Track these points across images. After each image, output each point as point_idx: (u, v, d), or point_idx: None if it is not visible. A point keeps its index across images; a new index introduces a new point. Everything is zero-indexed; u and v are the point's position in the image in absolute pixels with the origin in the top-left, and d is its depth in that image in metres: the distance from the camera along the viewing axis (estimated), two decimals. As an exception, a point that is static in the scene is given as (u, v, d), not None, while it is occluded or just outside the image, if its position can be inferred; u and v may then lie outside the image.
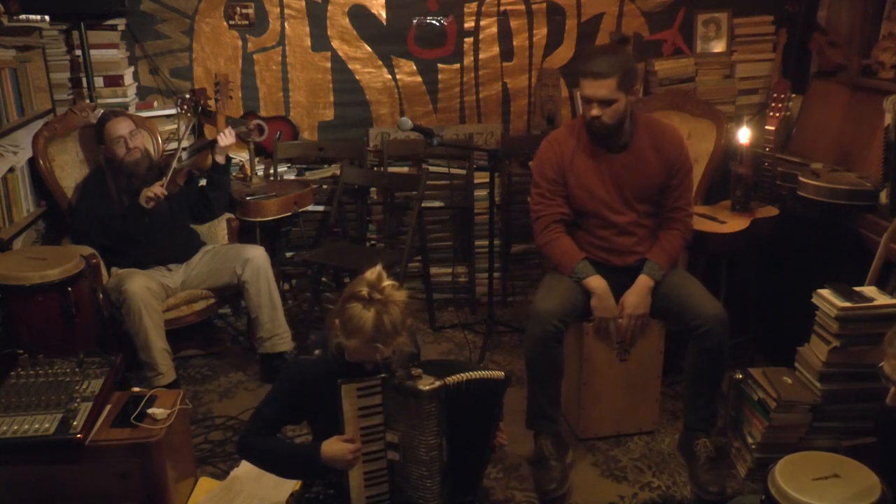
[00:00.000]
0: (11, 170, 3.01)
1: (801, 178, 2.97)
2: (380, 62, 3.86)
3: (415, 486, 1.91)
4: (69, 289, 2.60)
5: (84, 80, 3.50)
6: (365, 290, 1.82)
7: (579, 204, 2.69)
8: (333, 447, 1.87)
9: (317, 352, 1.96)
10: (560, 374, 2.62)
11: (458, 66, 3.91)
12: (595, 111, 2.53)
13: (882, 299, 2.39)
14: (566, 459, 2.62)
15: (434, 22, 3.83)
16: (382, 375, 1.87)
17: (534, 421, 2.65)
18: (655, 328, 2.72)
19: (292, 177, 3.88)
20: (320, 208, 3.89)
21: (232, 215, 3.48)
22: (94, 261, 2.90)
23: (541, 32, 3.88)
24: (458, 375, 1.91)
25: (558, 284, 2.64)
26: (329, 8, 3.77)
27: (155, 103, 3.75)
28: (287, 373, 2.02)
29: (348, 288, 1.90)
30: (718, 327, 2.48)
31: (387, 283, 1.85)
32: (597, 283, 2.62)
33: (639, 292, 2.62)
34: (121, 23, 3.58)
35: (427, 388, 1.84)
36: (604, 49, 2.69)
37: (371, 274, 1.86)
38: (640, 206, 2.68)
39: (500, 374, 1.99)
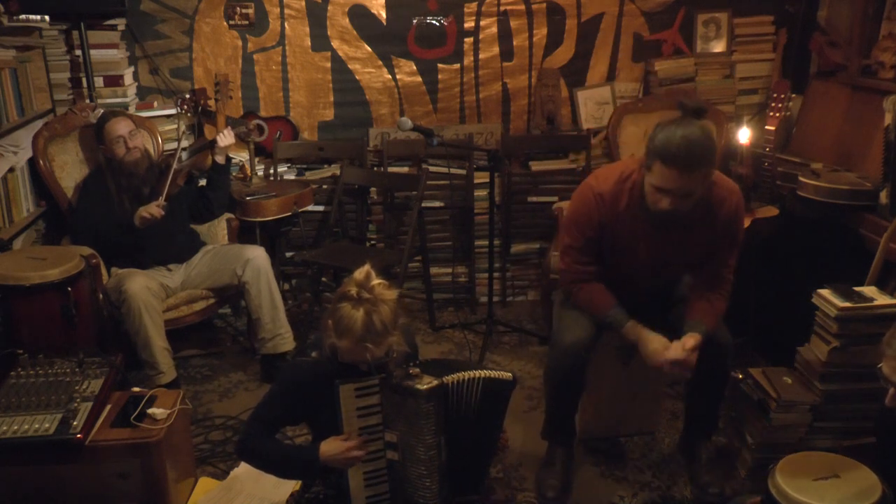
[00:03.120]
0: (11, 170, 3.01)
1: (801, 178, 2.97)
2: (380, 62, 3.86)
3: (414, 486, 1.91)
4: (69, 289, 2.60)
5: (84, 80, 3.50)
6: (354, 290, 1.82)
7: (611, 265, 2.44)
8: (331, 446, 1.87)
9: (314, 353, 1.96)
10: (582, 391, 2.51)
11: (458, 66, 3.90)
12: (666, 204, 2.15)
13: (882, 299, 2.39)
14: (572, 467, 2.61)
15: (434, 22, 3.83)
16: (381, 375, 1.86)
17: (551, 434, 2.62)
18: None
19: (292, 177, 3.89)
20: (320, 208, 3.89)
21: (232, 215, 3.48)
22: (94, 261, 2.90)
23: (541, 32, 3.88)
24: (456, 375, 1.90)
25: (577, 311, 2.46)
26: (329, 8, 3.77)
27: (155, 103, 3.75)
28: (284, 375, 2.02)
29: (340, 288, 1.90)
30: (721, 354, 2.39)
31: (376, 281, 1.85)
32: (636, 329, 2.34)
33: (687, 349, 2.29)
34: (121, 23, 3.57)
35: (424, 387, 1.84)
36: (691, 126, 2.11)
37: (360, 273, 1.85)
38: (675, 276, 2.53)
39: (506, 374, 1.99)
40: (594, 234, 2.37)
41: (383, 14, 3.80)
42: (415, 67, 3.88)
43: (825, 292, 2.43)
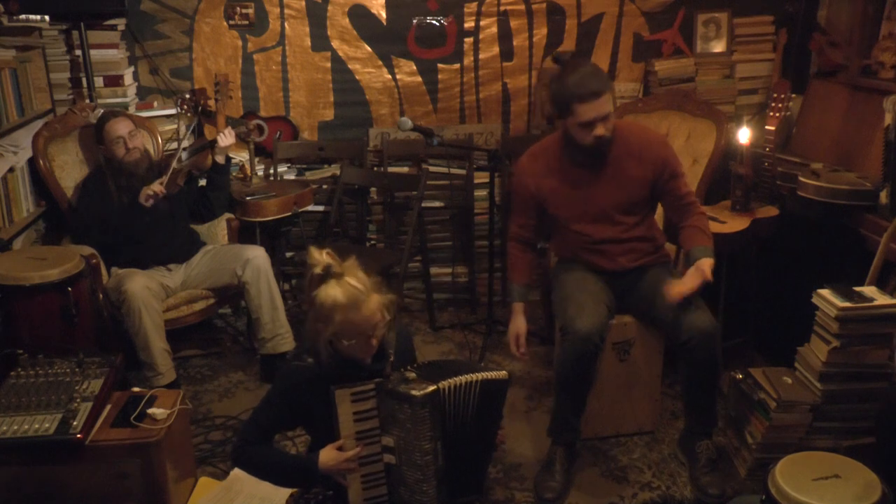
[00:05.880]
0: (11, 170, 3.01)
1: (801, 178, 2.97)
2: (380, 62, 3.86)
3: (411, 490, 1.90)
4: (69, 289, 2.60)
5: (84, 80, 3.49)
6: (318, 269, 1.81)
7: (560, 220, 2.66)
8: (330, 456, 1.86)
9: (309, 359, 1.93)
10: (592, 385, 2.59)
11: (458, 66, 3.90)
12: (601, 130, 2.42)
13: (882, 299, 2.38)
14: (572, 469, 2.61)
15: (434, 22, 3.83)
16: (376, 380, 1.85)
17: (556, 432, 2.62)
18: (656, 329, 2.71)
19: (292, 177, 3.89)
20: (320, 208, 3.89)
21: (232, 215, 3.48)
22: (94, 261, 2.90)
23: (541, 32, 3.88)
24: (452, 379, 1.87)
25: (583, 295, 2.54)
26: (329, 8, 3.77)
27: (155, 103, 3.75)
28: (280, 380, 1.99)
29: (307, 296, 1.85)
30: (706, 341, 2.42)
31: (327, 251, 1.84)
32: (515, 308, 2.70)
33: (699, 276, 2.43)
34: (121, 23, 3.57)
35: (419, 393, 1.81)
36: (580, 67, 2.47)
37: (313, 256, 1.83)
38: (626, 219, 2.60)
39: (501, 374, 1.97)
40: (527, 196, 2.67)
41: (383, 14, 3.80)
42: (415, 67, 3.88)
43: (825, 292, 2.43)
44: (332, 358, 1.85)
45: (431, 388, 1.83)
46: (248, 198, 3.46)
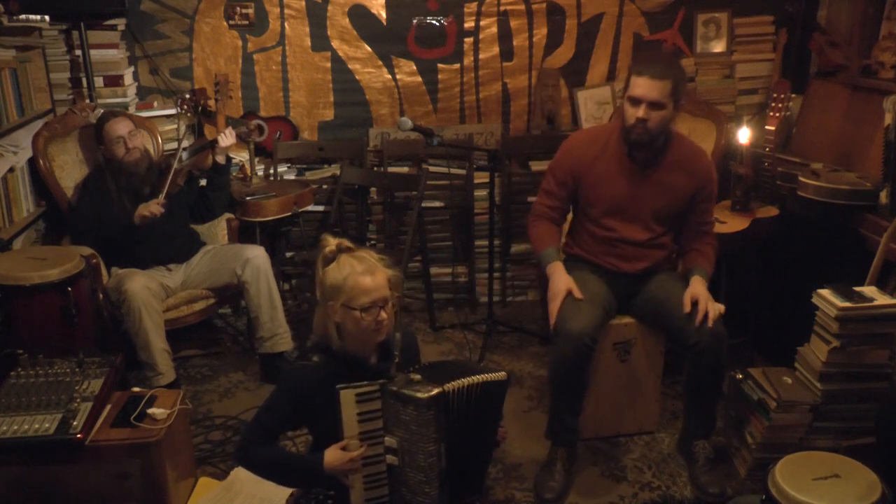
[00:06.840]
0: (11, 170, 3.01)
1: (801, 178, 2.97)
2: (380, 62, 3.87)
3: (413, 491, 1.90)
4: (69, 289, 2.60)
5: (84, 80, 3.49)
6: (331, 247, 1.87)
7: (592, 209, 2.65)
8: (335, 456, 1.86)
9: (315, 358, 1.93)
10: (587, 387, 2.59)
11: (458, 66, 3.90)
12: (641, 113, 2.43)
13: (882, 299, 2.39)
14: (572, 469, 2.61)
15: (434, 22, 3.83)
16: (381, 381, 1.85)
17: (554, 433, 2.62)
18: (661, 330, 2.71)
19: (292, 177, 3.89)
20: (320, 208, 3.89)
21: (232, 215, 3.48)
22: (94, 261, 2.90)
23: (541, 32, 3.88)
24: (457, 382, 1.87)
25: (582, 302, 2.53)
26: (329, 8, 3.77)
27: (155, 103, 3.75)
28: (285, 380, 1.99)
29: (318, 282, 1.90)
30: (716, 346, 2.42)
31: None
32: (555, 267, 2.59)
33: (703, 288, 2.51)
34: (121, 23, 3.58)
35: (425, 396, 1.80)
36: (662, 54, 2.57)
37: (326, 240, 1.90)
38: (657, 227, 2.63)
39: (501, 374, 1.98)
40: (565, 178, 2.66)
41: (383, 14, 3.80)
42: (415, 67, 3.88)
43: (825, 292, 2.43)
44: (339, 347, 1.85)
45: (437, 390, 1.82)
46: (248, 198, 3.46)
